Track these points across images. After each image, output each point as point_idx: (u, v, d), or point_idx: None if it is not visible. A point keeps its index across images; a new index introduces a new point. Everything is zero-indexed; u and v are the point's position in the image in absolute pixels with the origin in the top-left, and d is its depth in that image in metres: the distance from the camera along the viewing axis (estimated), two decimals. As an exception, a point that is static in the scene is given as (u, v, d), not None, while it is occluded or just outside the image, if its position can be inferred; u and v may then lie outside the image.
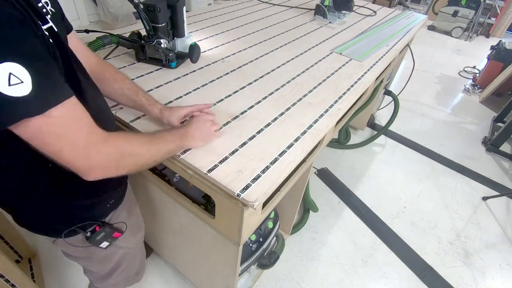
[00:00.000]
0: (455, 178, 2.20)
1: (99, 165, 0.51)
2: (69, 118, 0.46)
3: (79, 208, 0.67)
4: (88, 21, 3.52)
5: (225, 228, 0.82)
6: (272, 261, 1.25)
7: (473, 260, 1.66)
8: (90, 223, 0.69)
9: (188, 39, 1.17)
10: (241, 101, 0.98)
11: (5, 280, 1.00)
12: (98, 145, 0.50)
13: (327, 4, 1.81)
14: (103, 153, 0.51)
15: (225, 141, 0.80)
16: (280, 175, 0.73)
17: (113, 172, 0.54)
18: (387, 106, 2.62)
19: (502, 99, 3.20)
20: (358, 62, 1.33)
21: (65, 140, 0.46)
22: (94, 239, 0.70)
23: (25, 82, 0.39)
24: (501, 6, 5.10)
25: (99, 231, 0.71)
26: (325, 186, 1.98)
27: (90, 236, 0.70)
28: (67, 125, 0.45)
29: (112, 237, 0.75)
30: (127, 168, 0.57)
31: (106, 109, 0.72)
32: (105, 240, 0.73)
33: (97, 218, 0.71)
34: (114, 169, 0.54)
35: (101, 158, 0.51)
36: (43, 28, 0.46)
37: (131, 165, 0.57)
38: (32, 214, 0.66)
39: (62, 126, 0.45)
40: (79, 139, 0.47)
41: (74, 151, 0.47)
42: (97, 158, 0.50)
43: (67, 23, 0.64)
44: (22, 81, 0.39)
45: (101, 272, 0.86)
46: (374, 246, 1.66)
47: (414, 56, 2.14)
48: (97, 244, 0.72)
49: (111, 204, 0.73)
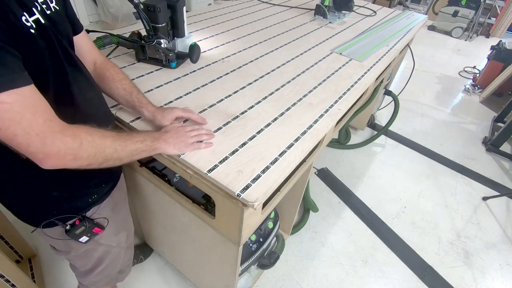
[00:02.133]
0: (455, 178, 2.20)
1: (55, 153, 0.50)
2: (22, 104, 0.46)
3: (59, 199, 0.67)
4: (88, 21, 3.52)
5: (225, 228, 0.82)
6: (272, 261, 1.24)
7: (473, 260, 1.66)
8: (70, 216, 0.69)
9: (188, 39, 1.17)
10: (241, 101, 0.98)
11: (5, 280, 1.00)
12: (55, 133, 0.50)
13: (327, 4, 1.81)
14: (60, 141, 0.50)
15: (225, 141, 0.80)
16: (280, 175, 0.73)
17: (71, 162, 0.53)
18: (387, 106, 2.62)
19: (502, 99, 3.20)
20: (358, 62, 1.33)
21: (18, 126, 0.46)
22: (73, 232, 0.70)
23: None
24: (501, 6, 5.10)
25: (79, 225, 0.71)
26: (325, 186, 1.98)
27: (69, 229, 0.70)
28: (20, 111, 0.46)
29: (92, 232, 0.74)
30: (87, 160, 0.55)
31: (100, 104, 0.73)
32: (85, 235, 0.73)
33: (77, 212, 0.71)
34: (72, 159, 0.53)
35: (58, 146, 0.50)
36: (24, 19, 0.48)
37: (90, 157, 0.56)
38: (13, 198, 0.67)
39: (15, 112, 0.45)
40: (34, 126, 0.47)
41: (28, 137, 0.47)
42: (53, 146, 0.50)
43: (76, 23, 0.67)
44: None
45: (82, 268, 0.87)
46: (374, 246, 1.66)
47: (414, 56, 2.14)
48: (76, 238, 0.72)
49: (93, 198, 0.73)
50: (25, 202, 0.67)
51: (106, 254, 0.86)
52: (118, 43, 1.06)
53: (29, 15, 0.50)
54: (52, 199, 0.67)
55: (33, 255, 1.39)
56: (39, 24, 0.52)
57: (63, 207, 0.68)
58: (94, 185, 0.73)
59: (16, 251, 1.31)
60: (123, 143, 0.62)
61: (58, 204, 0.68)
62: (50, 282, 1.34)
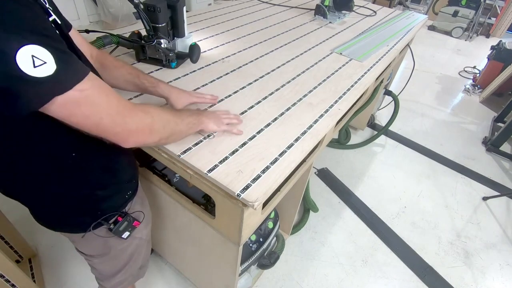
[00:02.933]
0: (455, 178, 2.20)
1: (135, 129, 0.54)
2: (97, 89, 0.48)
3: (102, 199, 0.68)
4: (88, 21, 3.52)
5: (225, 228, 0.82)
6: (272, 261, 1.25)
7: (473, 260, 1.66)
8: (112, 214, 0.70)
9: (188, 39, 1.17)
10: (241, 101, 0.98)
11: (5, 280, 1.00)
12: (130, 110, 0.53)
13: (327, 4, 1.81)
14: (137, 117, 0.54)
15: (225, 141, 0.80)
16: (280, 175, 0.73)
17: (148, 136, 0.57)
18: (387, 106, 2.62)
19: (502, 99, 3.20)
20: (358, 62, 1.33)
21: (102, 109, 0.48)
22: (118, 229, 0.71)
23: (48, 62, 0.40)
24: (501, 6, 5.11)
25: (122, 220, 0.72)
26: (325, 186, 1.98)
27: (113, 227, 0.71)
28: (99, 95, 0.48)
29: (132, 226, 0.76)
30: (159, 133, 0.60)
31: None
32: (127, 230, 0.74)
33: (117, 209, 0.72)
34: (149, 134, 0.57)
35: (136, 122, 0.54)
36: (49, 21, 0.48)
37: (161, 130, 0.60)
38: (56, 210, 0.66)
39: (95, 96, 0.47)
40: (113, 106, 0.50)
41: (111, 117, 0.50)
42: (133, 123, 0.53)
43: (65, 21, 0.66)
44: (45, 62, 0.39)
45: (112, 269, 0.86)
46: (374, 246, 1.66)
47: (414, 56, 2.14)
48: (120, 234, 0.73)
49: (128, 194, 0.75)
50: (71, 212, 0.66)
51: (137, 248, 0.87)
52: (118, 43, 1.06)
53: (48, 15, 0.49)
54: (96, 200, 0.67)
55: (33, 255, 1.39)
56: (56, 24, 0.51)
57: (106, 206, 0.69)
58: (127, 180, 0.74)
59: (16, 251, 1.31)
60: (179, 116, 0.67)
61: (101, 204, 0.68)
62: (50, 282, 1.35)
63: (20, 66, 0.38)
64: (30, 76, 0.39)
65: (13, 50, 0.37)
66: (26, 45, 0.38)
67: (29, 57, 0.38)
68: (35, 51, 0.38)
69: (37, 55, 0.39)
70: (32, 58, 0.38)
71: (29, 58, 0.38)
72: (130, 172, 0.75)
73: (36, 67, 0.39)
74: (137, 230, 0.79)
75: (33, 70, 0.39)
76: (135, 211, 0.77)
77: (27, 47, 0.38)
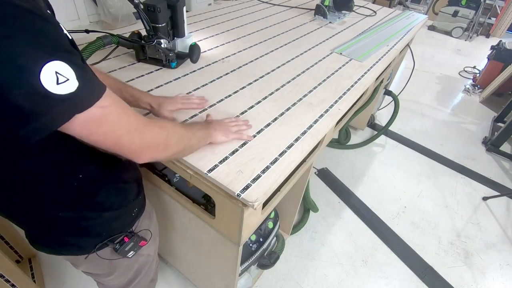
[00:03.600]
0: (455, 178, 2.20)
1: (151, 145, 0.53)
2: (115, 105, 0.47)
3: (109, 221, 0.66)
4: (88, 21, 3.52)
5: (225, 228, 0.82)
6: (272, 261, 1.25)
7: (473, 260, 1.66)
8: (118, 234, 0.68)
9: (188, 39, 1.17)
10: (241, 101, 0.98)
11: (5, 280, 1.00)
12: (146, 125, 0.52)
13: (327, 4, 1.81)
14: (153, 132, 0.53)
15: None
16: (280, 175, 0.73)
17: (163, 152, 0.56)
18: (387, 106, 2.62)
19: (502, 99, 3.20)
20: (358, 62, 1.33)
21: (121, 126, 0.47)
22: (123, 250, 0.69)
23: (71, 79, 0.39)
24: (501, 6, 5.11)
25: (128, 241, 0.69)
26: (325, 186, 1.98)
27: (119, 247, 0.68)
28: (117, 112, 0.47)
29: (139, 245, 0.73)
30: (173, 148, 0.59)
31: None
32: (132, 250, 0.72)
33: (124, 229, 0.70)
34: (163, 149, 0.56)
35: (152, 137, 0.53)
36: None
37: (175, 145, 0.59)
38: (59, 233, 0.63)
39: (114, 113, 0.46)
40: (131, 122, 0.49)
41: (130, 134, 0.49)
42: (149, 138, 0.52)
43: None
44: (68, 79, 0.39)
45: (118, 284, 0.84)
46: (374, 246, 1.66)
47: (414, 56, 2.14)
48: (125, 254, 0.71)
49: (135, 212, 0.72)
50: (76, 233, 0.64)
51: (144, 264, 0.85)
52: (118, 43, 1.06)
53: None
54: (102, 222, 0.65)
55: (33, 255, 1.39)
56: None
57: (113, 227, 0.67)
58: (134, 197, 0.71)
59: (16, 251, 1.31)
60: (190, 130, 0.66)
61: (108, 226, 0.66)
62: (50, 282, 1.34)
63: (43, 83, 0.36)
64: (53, 94, 0.37)
65: (38, 66, 0.36)
66: (50, 61, 0.37)
67: (53, 73, 0.37)
68: (59, 67, 0.38)
69: (60, 71, 0.38)
70: (56, 74, 0.37)
71: (53, 75, 0.37)
72: (136, 187, 0.73)
73: (59, 84, 0.38)
74: (143, 248, 0.77)
75: (56, 87, 0.37)
76: (142, 229, 0.75)
77: (51, 63, 0.37)
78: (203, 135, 0.71)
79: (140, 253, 0.77)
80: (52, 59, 0.37)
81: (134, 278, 0.85)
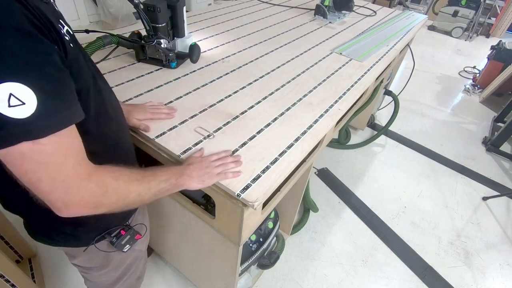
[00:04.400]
0: (455, 178, 2.20)
1: (76, 202, 0.46)
2: (59, 146, 0.41)
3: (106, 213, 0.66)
4: (88, 21, 3.52)
5: (225, 228, 0.82)
6: (272, 261, 1.25)
7: (473, 260, 1.66)
8: (115, 227, 0.69)
9: (188, 39, 1.17)
10: (241, 101, 0.98)
11: (5, 280, 1.00)
12: (81, 180, 0.45)
13: (327, 4, 1.81)
14: (85, 189, 0.46)
15: (225, 141, 0.80)
16: (280, 175, 0.73)
17: (91, 210, 0.48)
18: (387, 106, 2.62)
19: (502, 99, 3.20)
20: (358, 62, 1.33)
21: (47, 170, 0.41)
22: (120, 243, 0.69)
23: (28, 104, 0.36)
24: (501, 6, 5.10)
25: (125, 234, 0.70)
26: (325, 186, 1.98)
27: (115, 240, 0.69)
28: (54, 154, 0.41)
29: (134, 239, 0.74)
30: (108, 207, 0.51)
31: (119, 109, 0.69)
32: (128, 244, 0.73)
33: (121, 222, 0.71)
34: (93, 208, 0.48)
35: (81, 194, 0.45)
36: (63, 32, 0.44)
37: (112, 204, 0.51)
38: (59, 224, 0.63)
39: (49, 154, 0.40)
40: (62, 171, 0.42)
41: (53, 183, 0.42)
42: (76, 194, 0.45)
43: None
44: (23, 103, 0.36)
45: (109, 279, 0.84)
46: (374, 246, 1.66)
47: (414, 56, 2.14)
48: (121, 248, 0.71)
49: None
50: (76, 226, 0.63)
51: (135, 260, 0.85)
52: (118, 43, 1.06)
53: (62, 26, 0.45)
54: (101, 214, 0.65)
55: (33, 255, 1.39)
56: (70, 35, 0.47)
57: (111, 220, 0.68)
58: None
59: (16, 251, 1.31)
60: (147, 185, 0.57)
61: (107, 218, 0.65)
62: (50, 282, 1.34)
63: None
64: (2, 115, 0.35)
65: None
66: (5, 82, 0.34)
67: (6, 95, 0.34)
68: (15, 89, 0.35)
69: (16, 94, 0.35)
70: (9, 96, 0.35)
71: (5, 96, 0.34)
72: None
73: (10, 107, 0.35)
74: (137, 242, 0.77)
75: (6, 109, 0.35)
76: (137, 224, 0.76)
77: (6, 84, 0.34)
78: (168, 187, 0.62)
79: (133, 247, 0.78)
80: (7, 80, 0.34)
81: (123, 275, 0.85)
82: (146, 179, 0.57)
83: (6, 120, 0.35)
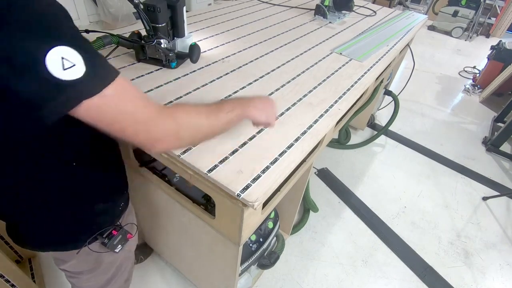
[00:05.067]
0: (455, 178, 2.20)
1: (160, 137, 0.50)
2: (123, 94, 0.45)
3: (100, 213, 0.66)
4: (88, 21, 3.53)
5: (225, 228, 0.82)
6: (272, 261, 1.25)
7: (473, 260, 1.66)
8: (107, 228, 0.69)
9: (188, 39, 1.17)
10: (241, 101, 0.98)
11: (5, 280, 1.00)
12: (155, 118, 0.49)
13: (327, 4, 1.81)
14: (162, 125, 0.50)
15: (225, 141, 0.80)
16: (280, 175, 0.73)
17: (175, 143, 0.53)
18: (387, 106, 2.62)
19: (502, 99, 3.20)
20: (358, 62, 1.33)
21: (125, 117, 0.45)
22: (112, 243, 0.69)
23: (78, 65, 0.38)
24: (501, 6, 5.11)
25: (117, 234, 0.70)
26: (325, 186, 1.98)
27: (107, 241, 0.69)
28: (124, 102, 0.45)
29: (126, 239, 0.74)
30: (188, 140, 0.56)
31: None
32: (120, 244, 0.72)
33: (112, 222, 0.71)
34: (174, 140, 0.53)
35: (160, 129, 0.50)
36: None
37: (191, 136, 0.56)
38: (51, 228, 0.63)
39: (120, 103, 0.44)
40: (138, 114, 0.46)
41: (135, 126, 0.47)
42: (157, 131, 0.49)
43: None
44: (74, 64, 0.38)
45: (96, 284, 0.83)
46: (374, 246, 1.66)
47: (414, 56, 2.14)
48: (113, 248, 0.71)
49: (122, 206, 0.73)
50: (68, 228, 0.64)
51: (124, 261, 0.85)
52: (118, 43, 1.06)
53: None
54: (95, 214, 0.65)
55: (33, 255, 1.39)
56: None
57: (103, 220, 0.68)
58: (120, 191, 0.72)
59: (16, 251, 1.31)
60: (216, 116, 0.60)
61: (99, 218, 0.67)
62: (50, 282, 1.35)
63: (49, 69, 0.36)
64: (60, 80, 0.37)
65: (43, 52, 0.36)
66: (56, 47, 0.37)
67: (59, 59, 0.37)
68: (65, 52, 0.37)
69: (66, 57, 0.37)
70: (62, 60, 0.37)
71: (59, 60, 0.37)
72: (122, 182, 0.74)
73: (65, 70, 0.37)
74: (128, 242, 0.77)
75: (62, 73, 0.37)
76: (127, 223, 0.76)
77: (57, 48, 0.37)
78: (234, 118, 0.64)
79: (124, 248, 0.78)
80: (58, 44, 0.37)
81: (112, 278, 0.84)
82: (213, 111, 0.60)
83: (65, 84, 0.38)
